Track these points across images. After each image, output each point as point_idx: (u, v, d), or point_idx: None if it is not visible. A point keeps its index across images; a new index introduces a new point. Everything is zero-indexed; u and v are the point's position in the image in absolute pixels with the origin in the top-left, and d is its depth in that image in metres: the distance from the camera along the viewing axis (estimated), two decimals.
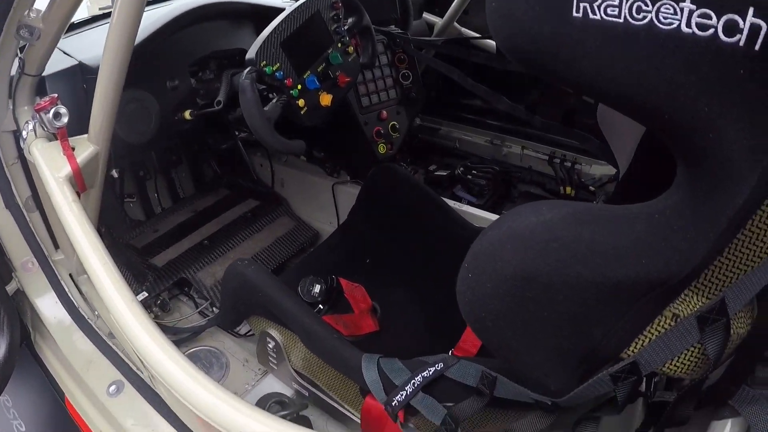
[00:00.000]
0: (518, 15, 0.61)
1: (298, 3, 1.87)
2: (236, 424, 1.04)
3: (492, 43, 2.97)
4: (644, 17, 0.53)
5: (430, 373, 1.11)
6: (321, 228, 2.83)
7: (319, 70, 1.92)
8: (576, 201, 0.86)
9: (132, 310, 1.21)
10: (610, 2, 0.54)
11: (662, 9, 0.52)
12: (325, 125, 2.01)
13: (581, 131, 1.82)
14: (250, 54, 1.72)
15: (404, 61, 2.50)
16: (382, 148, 2.40)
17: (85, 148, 1.53)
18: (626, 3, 0.54)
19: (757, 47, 0.50)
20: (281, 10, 2.03)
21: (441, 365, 1.12)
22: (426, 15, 3.10)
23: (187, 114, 2.03)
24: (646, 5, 0.53)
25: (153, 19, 1.97)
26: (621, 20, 0.55)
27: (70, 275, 1.92)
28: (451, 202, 2.15)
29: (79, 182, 1.52)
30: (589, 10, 0.56)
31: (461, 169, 3.03)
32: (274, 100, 1.77)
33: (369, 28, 2.14)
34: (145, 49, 1.86)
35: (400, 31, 2.53)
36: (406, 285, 1.92)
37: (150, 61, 1.90)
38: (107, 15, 2.35)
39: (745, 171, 0.57)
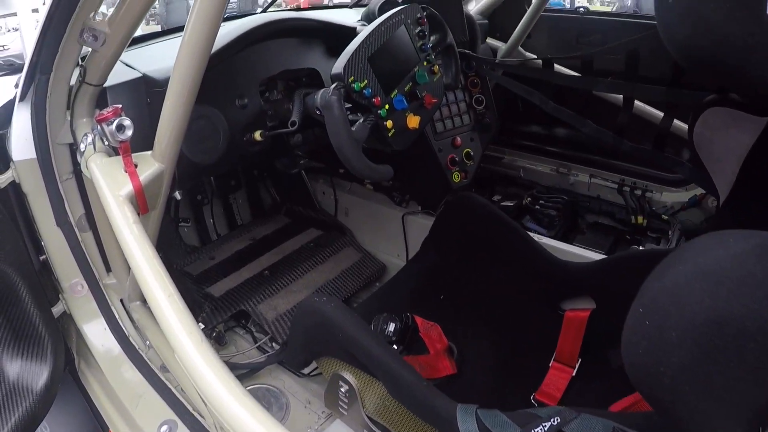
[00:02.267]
0: (704, 13, 0.52)
1: (385, 16, 1.70)
2: None
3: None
4: None
5: (545, 429, 0.93)
6: (388, 261, 2.63)
7: (406, 89, 1.74)
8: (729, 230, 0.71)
9: (196, 343, 1.03)
10: None
11: None
12: (396, 151, 1.81)
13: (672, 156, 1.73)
14: (338, 68, 1.53)
15: (477, 85, 2.37)
16: (456, 177, 2.23)
17: (149, 165, 1.34)
18: None
19: None
20: (352, 29, 1.88)
21: (557, 419, 0.94)
22: (490, 40, 3.01)
23: (257, 135, 1.83)
24: None
25: (223, 32, 1.78)
26: None
27: (122, 301, 1.76)
28: (534, 235, 1.99)
29: (141, 203, 1.33)
30: None
31: (528, 199, 2.88)
32: (361, 120, 1.58)
33: (453, 46, 1.96)
34: (213, 63, 1.67)
35: (471, 53, 2.37)
36: (483, 323, 1.78)
37: (219, 76, 1.73)
38: (170, 31, 2.22)
39: None
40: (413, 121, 1.70)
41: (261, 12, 2.53)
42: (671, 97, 1.78)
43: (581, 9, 3.07)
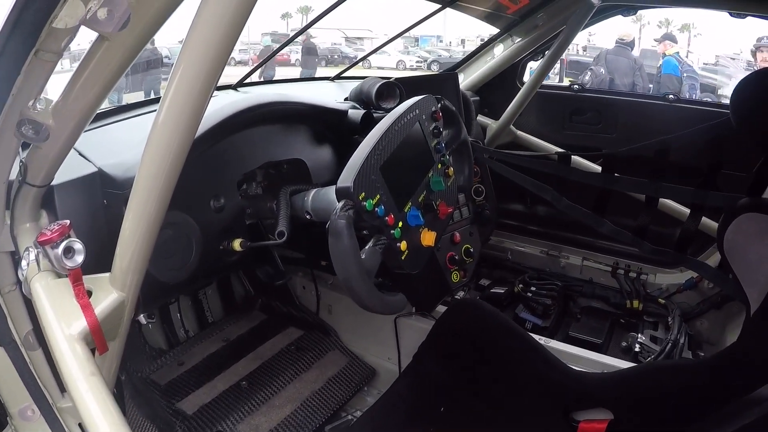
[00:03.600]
0: None
1: (399, 113, 1.45)
2: None
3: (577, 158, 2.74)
4: None
5: None
6: (378, 364, 2.37)
7: (420, 200, 1.50)
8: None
9: None
10: None
11: None
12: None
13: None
14: (346, 181, 1.25)
15: (477, 174, 2.18)
16: (455, 277, 1.98)
17: (107, 293, 1.08)
18: None
19: None
20: (342, 113, 1.66)
21: None
22: (480, 117, 2.94)
23: (236, 244, 1.57)
24: None
25: None
26: None
27: (80, 425, 1.48)
28: (537, 337, 1.86)
29: (98, 342, 1.06)
30: None
31: (521, 286, 2.75)
32: (371, 244, 1.32)
33: (467, 143, 1.75)
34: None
35: (471, 139, 2.19)
36: None
37: (191, 174, 1.47)
38: (139, 104, 1.96)
39: None
40: (428, 238, 1.45)
41: (237, 84, 2.33)
42: (700, 199, 1.68)
43: (575, 86, 2.96)
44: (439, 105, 1.62)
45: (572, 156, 2.23)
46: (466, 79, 2.96)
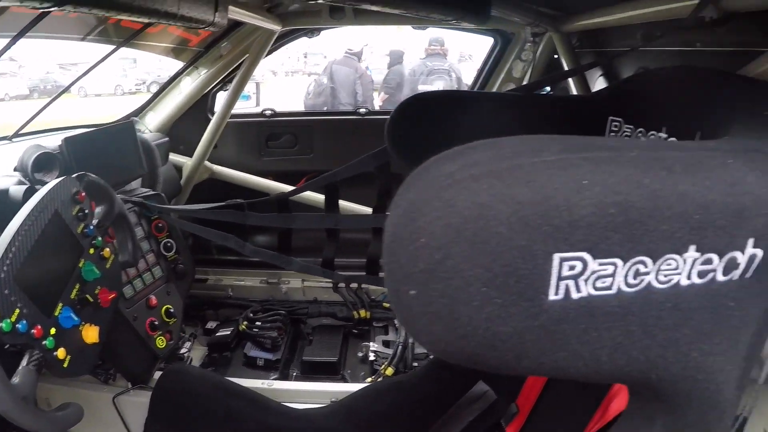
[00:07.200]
0: (466, 315, 0.38)
1: (26, 212, 1.27)
2: None
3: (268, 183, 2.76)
4: (641, 281, 0.41)
5: None
6: None
7: (72, 296, 1.35)
8: None
9: None
10: (602, 272, 0.39)
11: (663, 266, 0.41)
12: None
13: None
14: None
15: (163, 229, 2.06)
16: (161, 342, 1.89)
17: None
18: (622, 270, 0.39)
19: (748, 274, 0.44)
20: (3, 192, 1.49)
21: None
22: (173, 156, 2.77)
23: None
24: (645, 266, 0.40)
25: None
26: (613, 291, 0.40)
27: None
28: (258, 383, 1.95)
29: None
30: (572, 289, 0.39)
31: (245, 323, 2.64)
32: (24, 363, 1.16)
33: (124, 216, 1.64)
34: None
35: (151, 191, 2.05)
36: None
37: None
38: None
39: (729, 406, 0.51)
40: (91, 335, 1.34)
41: None
42: (378, 223, 1.73)
43: (267, 111, 2.95)
44: (82, 184, 1.48)
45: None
46: (155, 119, 2.78)
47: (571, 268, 0.39)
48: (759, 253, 0.43)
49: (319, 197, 2.02)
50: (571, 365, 0.44)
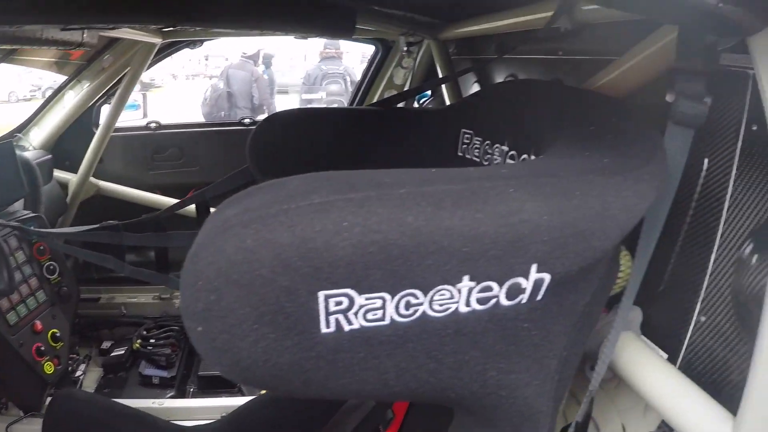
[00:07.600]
0: (245, 349, 0.42)
1: None
2: None
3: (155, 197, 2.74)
4: (415, 311, 0.44)
5: None
6: None
7: None
8: None
9: None
10: (370, 305, 0.42)
11: (436, 297, 0.43)
12: None
13: None
14: None
15: (45, 252, 2.01)
16: (49, 368, 1.85)
17: None
18: (391, 302, 0.42)
19: (539, 297, 0.47)
20: None
21: None
22: (58, 173, 2.65)
23: None
24: (417, 298, 0.43)
25: None
26: (387, 322, 0.43)
27: None
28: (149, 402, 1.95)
29: None
30: (343, 322, 0.43)
31: (139, 341, 2.59)
32: None
33: None
34: None
35: (32, 213, 1.99)
36: None
37: None
38: None
39: (544, 417, 0.55)
40: None
41: None
42: None
43: (152, 124, 2.91)
44: None
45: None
46: (39, 135, 2.67)
47: (338, 303, 0.41)
48: (546, 276, 0.45)
49: None
50: (361, 389, 0.47)
